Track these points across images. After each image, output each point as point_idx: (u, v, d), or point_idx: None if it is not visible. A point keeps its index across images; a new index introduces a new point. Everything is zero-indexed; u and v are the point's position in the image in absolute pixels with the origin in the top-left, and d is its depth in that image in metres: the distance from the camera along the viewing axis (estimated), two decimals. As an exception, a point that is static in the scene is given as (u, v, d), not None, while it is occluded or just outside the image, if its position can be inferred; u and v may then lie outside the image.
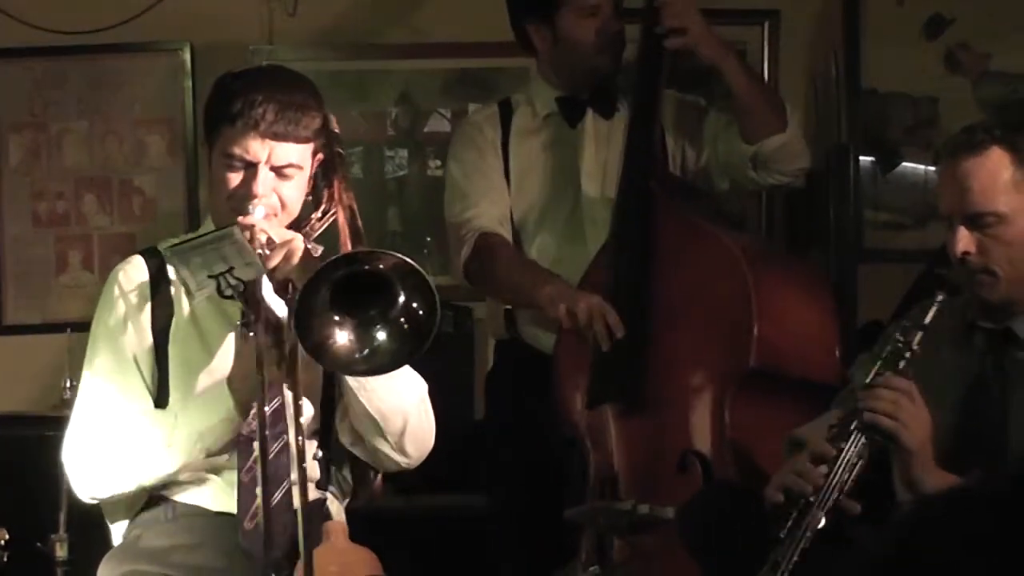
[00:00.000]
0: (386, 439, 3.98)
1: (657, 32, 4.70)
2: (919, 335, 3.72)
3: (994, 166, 3.76)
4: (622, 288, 4.53)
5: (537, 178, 4.99)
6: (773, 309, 4.38)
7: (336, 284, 3.58)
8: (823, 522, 3.63)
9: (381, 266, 3.59)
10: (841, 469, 3.66)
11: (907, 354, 3.72)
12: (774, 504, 3.73)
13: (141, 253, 4.08)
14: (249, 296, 3.60)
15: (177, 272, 3.80)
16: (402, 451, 4.01)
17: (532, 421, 4.81)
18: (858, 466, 3.68)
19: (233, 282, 3.61)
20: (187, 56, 6.22)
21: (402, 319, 3.63)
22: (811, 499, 3.66)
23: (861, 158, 6.20)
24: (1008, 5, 6.14)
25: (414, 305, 3.61)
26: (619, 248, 4.61)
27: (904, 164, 6.19)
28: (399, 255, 3.59)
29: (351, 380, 3.89)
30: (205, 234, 3.73)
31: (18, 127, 6.25)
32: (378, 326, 3.64)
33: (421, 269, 3.59)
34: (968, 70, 6.16)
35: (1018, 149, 3.77)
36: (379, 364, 3.71)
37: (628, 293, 4.51)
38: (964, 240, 3.78)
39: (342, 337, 3.63)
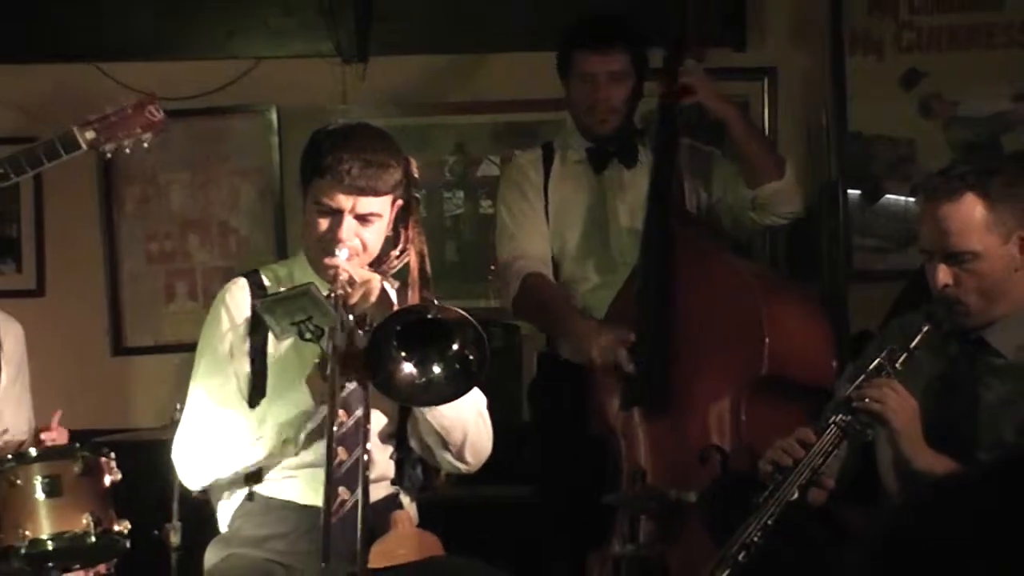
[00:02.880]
0: (448, 450, 3.99)
1: (671, 91, 4.71)
2: (904, 356, 3.73)
3: (968, 210, 3.75)
4: (648, 309, 4.52)
5: (572, 217, 4.98)
6: (780, 325, 4.38)
7: (405, 326, 3.63)
8: (795, 495, 3.64)
9: (444, 317, 3.64)
10: (816, 454, 3.67)
11: (889, 371, 3.73)
12: (764, 474, 3.75)
13: (244, 275, 4.11)
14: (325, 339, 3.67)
15: (265, 320, 3.82)
16: (462, 459, 4.02)
17: (567, 421, 4.82)
18: (832, 455, 3.69)
19: (312, 328, 3.67)
20: (274, 116, 6.23)
21: (456, 362, 3.66)
22: (788, 474, 3.67)
23: (849, 191, 6.15)
24: (972, 61, 6.14)
25: (467, 352, 3.66)
26: (645, 275, 4.59)
27: (887, 196, 6.16)
28: (461, 312, 3.66)
29: None
30: (288, 290, 3.79)
31: (132, 179, 6.26)
32: (435, 365, 3.68)
33: (477, 324, 3.65)
34: (939, 116, 6.14)
35: (988, 193, 3.75)
36: (433, 397, 3.77)
37: (653, 313, 4.50)
38: (943, 274, 3.78)
39: (404, 371, 3.67)
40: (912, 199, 6.05)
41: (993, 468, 1.94)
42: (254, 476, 4.00)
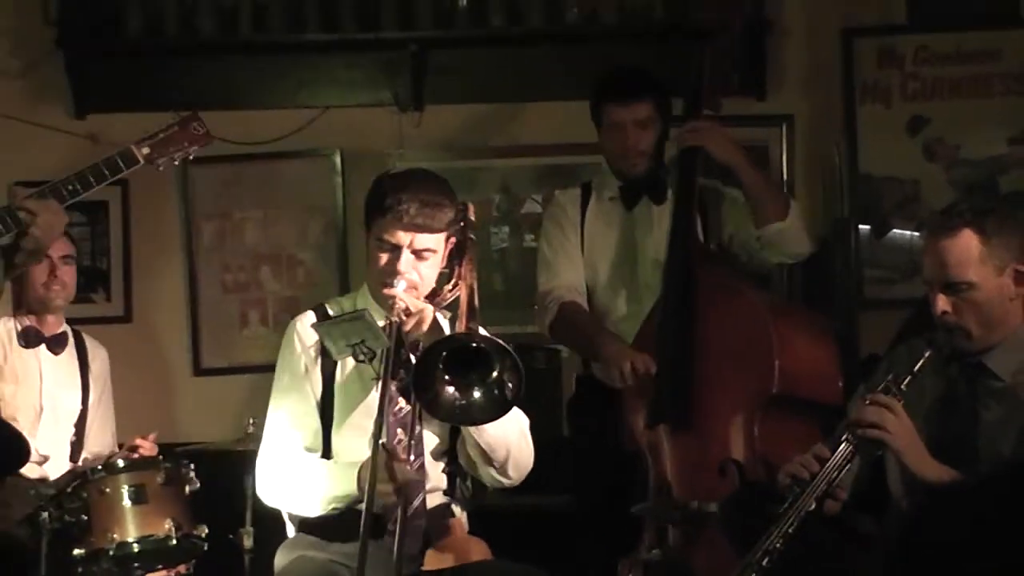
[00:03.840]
0: (492, 466, 4.00)
1: (684, 146, 4.74)
2: (908, 379, 3.73)
3: (965, 244, 3.75)
4: (670, 334, 4.51)
5: (604, 250, 4.99)
6: (789, 348, 4.35)
7: (450, 352, 3.66)
8: (813, 506, 3.64)
9: (487, 346, 3.66)
10: (831, 468, 3.67)
11: (894, 391, 3.73)
12: (782, 487, 3.75)
13: (312, 309, 4.14)
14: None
15: (323, 342, 3.89)
16: (505, 475, 4.03)
17: (600, 437, 4.82)
18: (845, 468, 3.69)
19: (365, 350, 3.72)
20: (337, 159, 6.24)
21: (495, 387, 3.68)
22: (806, 487, 3.67)
23: (860, 227, 6.13)
24: (972, 109, 6.11)
25: (505, 378, 3.68)
26: (667, 304, 4.58)
27: (894, 231, 6.13)
28: (502, 342, 3.68)
29: None
30: (344, 314, 3.85)
31: (209, 216, 6.28)
32: (476, 388, 3.69)
33: (516, 355, 3.67)
34: (942, 159, 6.12)
35: (984, 229, 3.75)
36: (472, 418, 3.79)
37: (675, 338, 4.49)
38: (942, 303, 3.79)
39: (447, 393, 3.69)
40: (917, 234, 6.03)
41: (990, 477, 1.95)
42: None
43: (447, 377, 3.68)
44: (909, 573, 1.73)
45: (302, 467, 3.98)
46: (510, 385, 3.67)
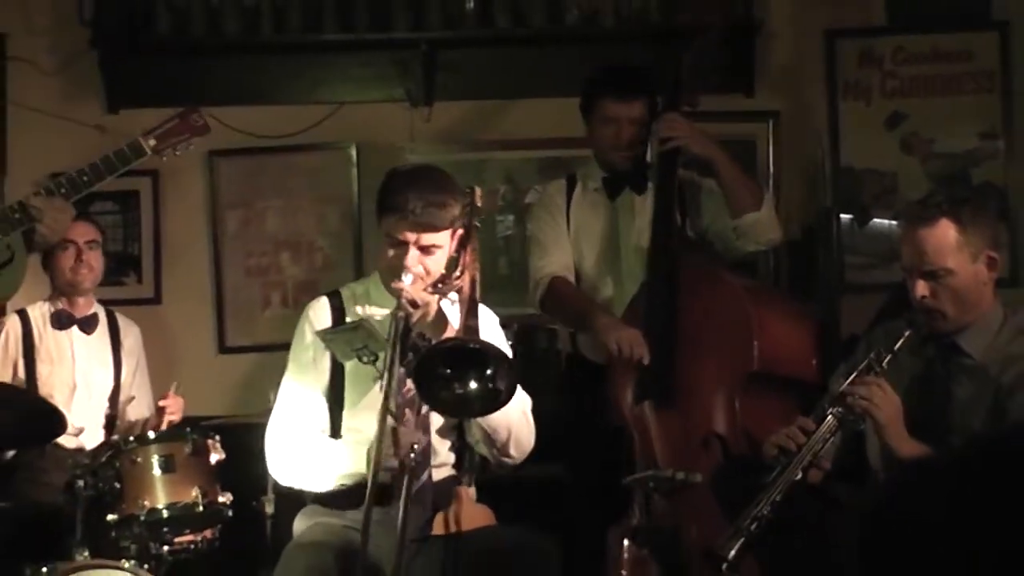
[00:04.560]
0: (494, 446, 4.01)
1: (661, 138, 4.72)
2: (888, 357, 3.76)
3: (942, 233, 3.78)
4: (655, 317, 4.51)
5: (590, 236, 4.97)
6: (767, 329, 4.37)
7: (450, 350, 3.69)
8: (799, 476, 3.67)
9: (483, 349, 3.66)
10: (815, 440, 3.70)
11: (876, 369, 3.75)
12: (769, 457, 3.78)
13: (327, 295, 4.14)
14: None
15: (327, 347, 3.94)
16: (507, 455, 4.04)
17: (590, 413, 4.82)
18: (830, 441, 3.72)
19: (368, 354, 3.78)
20: (353, 152, 6.23)
21: (489, 384, 3.68)
22: (792, 458, 3.70)
23: (842, 216, 6.12)
24: (946, 105, 6.11)
25: (498, 378, 3.68)
26: (651, 288, 4.59)
27: (874, 220, 6.12)
28: (498, 347, 3.70)
29: None
30: (345, 325, 3.93)
31: (233, 205, 6.27)
32: (471, 385, 3.69)
33: (510, 358, 3.70)
34: (918, 152, 6.11)
35: (960, 219, 3.79)
36: (465, 411, 3.81)
37: (659, 320, 4.49)
38: (921, 288, 3.81)
39: (445, 388, 3.69)
40: (895, 223, 6.01)
41: (962, 452, 1.95)
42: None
43: (447, 371, 3.68)
44: (883, 547, 1.73)
45: (312, 446, 3.99)
46: (503, 385, 3.67)
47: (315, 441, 4.01)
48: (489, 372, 3.67)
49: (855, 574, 1.76)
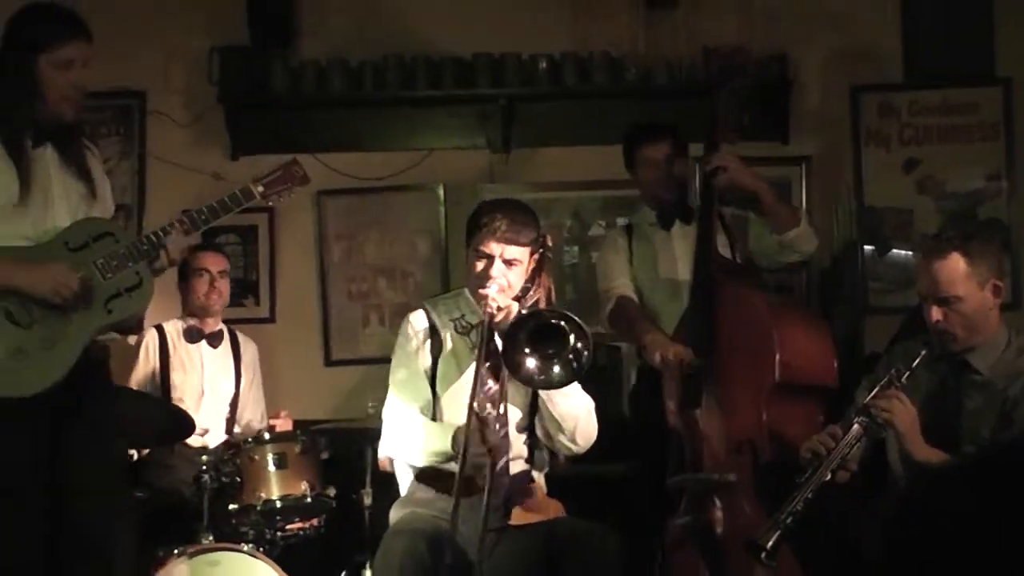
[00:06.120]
0: (563, 433, 4.00)
1: (708, 171, 4.71)
2: (907, 374, 3.76)
3: (954, 264, 3.80)
4: (698, 334, 4.49)
5: (647, 264, 5.02)
6: (788, 343, 4.30)
7: (532, 328, 3.70)
8: (829, 476, 3.64)
9: (563, 322, 3.68)
10: (843, 445, 3.69)
11: (896, 384, 3.73)
12: (803, 460, 3.76)
13: (422, 306, 4.16)
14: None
15: (428, 313, 4.04)
16: (574, 442, 4.02)
17: (657, 419, 4.79)
18: (856, 446, 3.70)
19: (464, 324, 3.88)
20: (440, 191, 6.24)
21: (571, 356, 3.68)
22: (823, 460, 3.67)
23: (865, 247, 6.12)
24: (956, 152, 6.09)
25: (580, 347, 3.68)
26: (695, 308, 4.58)
27: (893, 251, 6.10)
28: (575, 317, 3.70)
29: (542, 394, 3.93)
30: (448, 292, 4.06)
31: (338, 238, 6.28)
32: (555, 359, 3.70)
33: (587, 328, 3.70)
34: (931, 192, 6.10)
35: (969, 252, 3.81)
36: (552, 382, 3.79)
37: (702, 337, 4.47)
38: (935, 313, 3.82)
39: (531, 362, 3.70)
40: (911, 253, 6.02)
41: (979, 460, 1.94)
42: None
43: (527, 350, 3.71)
44: (909, 540, 1.71)
45: (411, 424, 4.01)
46: (585, 356, 3.69)
47: (414, 419, 4.01)
48: (570, 344, 3.68)
49: (877, 564, 1.75)
